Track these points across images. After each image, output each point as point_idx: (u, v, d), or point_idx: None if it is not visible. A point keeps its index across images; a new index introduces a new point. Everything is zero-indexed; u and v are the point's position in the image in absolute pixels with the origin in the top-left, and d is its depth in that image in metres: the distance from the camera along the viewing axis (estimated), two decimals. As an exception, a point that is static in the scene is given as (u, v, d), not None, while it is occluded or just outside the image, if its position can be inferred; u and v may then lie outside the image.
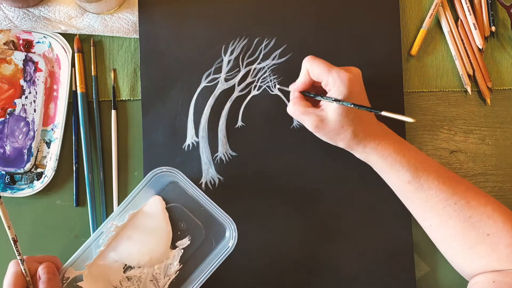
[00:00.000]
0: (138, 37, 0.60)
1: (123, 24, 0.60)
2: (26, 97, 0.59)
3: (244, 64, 0.60)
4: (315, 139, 0.54)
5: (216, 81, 0.60)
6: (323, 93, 0.53)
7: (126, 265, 0.55)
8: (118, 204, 0.59)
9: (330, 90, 0.51)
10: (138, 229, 0.55)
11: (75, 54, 0.60)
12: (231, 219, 0.54)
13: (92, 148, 0.60)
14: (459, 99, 0.63)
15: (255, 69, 0.60)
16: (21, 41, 0.60)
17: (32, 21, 0.59)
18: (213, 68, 0.60)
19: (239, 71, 0.60)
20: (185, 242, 0.57)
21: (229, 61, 0.60)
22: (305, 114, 0.53)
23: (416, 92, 0.62)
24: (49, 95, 0.60)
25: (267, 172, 0.59)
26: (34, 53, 0.60)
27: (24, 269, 0.49)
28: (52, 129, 0.60)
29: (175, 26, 0.60)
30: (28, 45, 0.60)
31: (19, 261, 0.49)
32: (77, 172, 0.59)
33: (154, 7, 0.60)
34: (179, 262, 0.56)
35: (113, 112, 0.60)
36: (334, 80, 0.51)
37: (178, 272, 0.56)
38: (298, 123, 0.60)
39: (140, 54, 0.60)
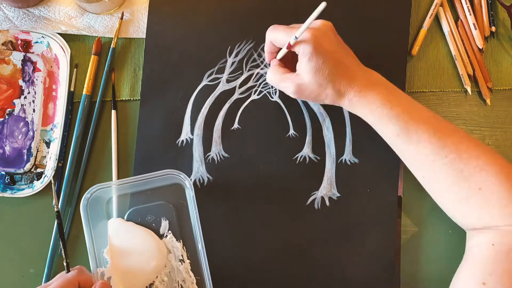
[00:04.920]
0: (138, 37, 0.61)
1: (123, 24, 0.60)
2: (25, 97, 0.59)
3: (248, 67, 0.60)
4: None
5: (217, 81, 0.60)
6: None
7: (147, 286, 0.55)
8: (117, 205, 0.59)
9: (298, 53, 0.51)
10: (124, 256, 0.55)
11: (92, 56, 0.60)
12: (175, 171, 0.54)
13: (88, 148, 0.59)
14: (459, 99, 0.63)
15: (258, 73, 0.60)
16: (19, 41, 0.60)
17: (32, 21, 0.59)
18: (216, 68, 0.60)
19: (241, 73, 0.60)
20: (165, 225, 0.57)
21: (232, 63, 0.60)
22: (283, 81, 0.53)
23: (416, 92, 0.62)
24: (48, 95, 0.60)
25: (257, 178, 0.59)
26: (32, 53, 0.60)
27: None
28: (51, 129, 0.60)
29: (184, 22, 0.60)
30: (26, 45, 0.60)
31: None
32: (61, 171, 0.59)
33: (165, 1, 0.61)
34: (177, 240, 0.56)
35: (113, 112, 0.60)
36: (299, 42, 0.50)
37: (184, 247, 0.56)
38: (295, 132, 0.60)
39: (145, 44, 0.60)
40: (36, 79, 0.59)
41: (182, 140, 0.59)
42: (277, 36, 0.52)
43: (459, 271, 0.51)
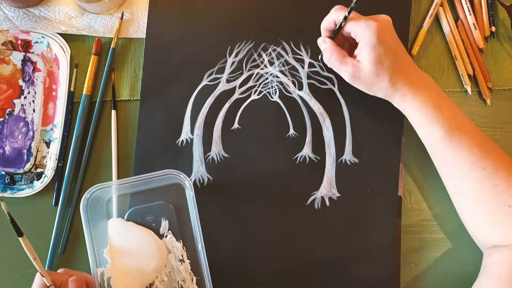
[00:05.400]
0: (138, 37, 0.61)
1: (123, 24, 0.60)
2: (25, 97, 0.59)
3: (248, 67, 0.60)
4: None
5: (217, 81, 0.60)
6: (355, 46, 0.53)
7: (147, 286, 0.55)
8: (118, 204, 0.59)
9: (360, 40, 0.52)
10: (124, 256, 0.54)
11: (92, 56, 0.60)
12: (175, 171, 0.54)
13: (88, 148, 0.59)
14: (459, 99, 0.63)
15: (257, 73, 0.60)
16: (19, 41, 0.60)
17: (32, 21, 0.59)
18: (216, 68, 0.60)
19: (241, 73, 0.60)
20: (165, 225, 0.57)
21: (232, 63, 0.60)
22: (343, 64, 0.53)
23: (416, 92, 0.62)
24: (48, 95, 0.60)
25: (256, 178, 0.59)
26: (32, 53, 0.60)
27: (50, 284, 0.48)
28: (51, 128, 0.60)
29: (184, 22, 0.61)
30: (26, 45, 0.60)
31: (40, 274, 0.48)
32: (61, 171, 0.59)
33: (165, 1, 0.61)
34: (177, 240, 0.56)
35: (113, 112, 0.60)
36: (363, 30, 0.51)
37: (184, 247, 0.56)
38: (295, 132, 0.60)
39: (145, 44, 0.60)
40: (36, 79, 0.59)
41: (182, 140, 0.59)
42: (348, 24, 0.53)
43: (477, 287, 0.50)
